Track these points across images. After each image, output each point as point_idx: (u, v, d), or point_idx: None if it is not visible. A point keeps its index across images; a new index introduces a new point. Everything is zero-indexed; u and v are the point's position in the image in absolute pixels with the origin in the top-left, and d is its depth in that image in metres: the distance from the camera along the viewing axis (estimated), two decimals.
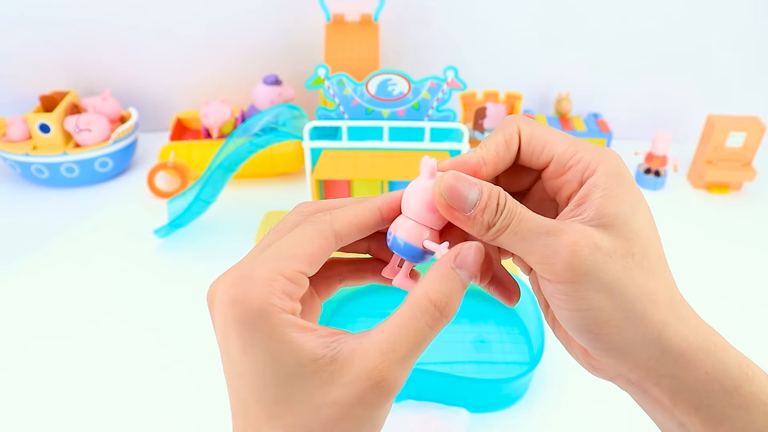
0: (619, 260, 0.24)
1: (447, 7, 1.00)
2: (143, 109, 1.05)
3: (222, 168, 0.79)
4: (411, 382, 0.58)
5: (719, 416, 0.24)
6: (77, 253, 0.81)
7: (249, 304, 0.23)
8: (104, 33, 1.01)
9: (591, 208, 0.25)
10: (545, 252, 0.24)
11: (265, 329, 0.23)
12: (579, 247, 0.24)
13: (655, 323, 0.24)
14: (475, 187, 0.25)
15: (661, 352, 0.25)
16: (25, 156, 0.90)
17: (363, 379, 0.23)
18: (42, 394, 0.61)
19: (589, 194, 0.25)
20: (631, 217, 0.25)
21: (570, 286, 0.24)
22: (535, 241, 0.25)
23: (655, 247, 0.25)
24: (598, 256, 0.24)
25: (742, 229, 0.88)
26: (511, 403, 0.60)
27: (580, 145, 0.26)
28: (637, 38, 1.02)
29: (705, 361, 0.24)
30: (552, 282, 0.25)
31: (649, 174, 0.96)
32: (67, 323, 0.69)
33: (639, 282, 0.24)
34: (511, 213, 0.25)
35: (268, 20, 1.01)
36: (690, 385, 0.25)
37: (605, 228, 0.25)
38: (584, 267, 0.24)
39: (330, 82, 0.73)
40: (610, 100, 1.08)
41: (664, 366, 0.25)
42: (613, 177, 0.25)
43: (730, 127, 0.91)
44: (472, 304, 0.71)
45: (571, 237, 0.24)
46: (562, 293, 0.25)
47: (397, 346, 0.23)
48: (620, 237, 0.25)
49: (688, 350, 0.24)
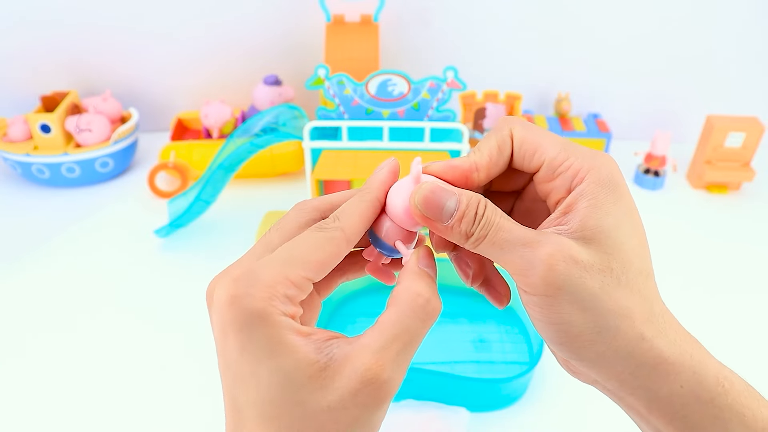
0: (596, 275, 0.24)
1: (447, 7, 1.00)
2: (144, 110, 1.06)
3: (222, 168, 0.79)
4: (411, 382, 0.59)
5: (695, 426, 0.25)
6: (78, 253, 0.81)
7: (251, 303, 0.23)
8: (105, 33, 1.01)
9: (575, 219, 0.25)
10: (521, 264, 0.25)
11: (265, 330, 0.23)
12: (554, 261, 0.24)
13: (629, 338, 0.24)
14: (453, 197, 0.26)
15: (635, 366, 0.25)
16: (25, 156, 0.90)
17: (356, 380, 0.23)
18: (44, 392, 0.61)
19: (575, 203, 0.25)
20: (615, 230, 0.25)
21: (544, 299, 0.24)
22: (512, 252, 0.25)
23: (639, 260, 0.25)
24: (574, 271, 0.24)
25: (741, 229, 0.88)
26: (511, 403, 0.60)
27: (573, 151, 0.26)
28: (637, 39, 1.02)
29: (681, 375, 0.24)
30: (528, 293, 0.25)
31: (648, 174, 0.96)
32: (68, 323, 0.70)
33: (615, 297, 0.24)
34: (489, 223, 0.25)
35: (269, 21, 1.01)
36: (665, 398, 0.25)
37: (587, 240, 0.25)
38: (559, 281, 0.24)
39: (330, 83, 0.74)
40: (610, 101, 1.08)
41: (638, 379, 0.25)
42: (602, 186, 0.25)
43: (729, 128, 0.91)
44: (472, 304, 0.71)
45: (547, 250, 0.24)
46: (536, 305, 0.25)
47: (388, 344, 0.24)
48: (600, 251, 0.24)
49: (663, 364, 0.24)
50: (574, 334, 0.24)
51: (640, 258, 0.25)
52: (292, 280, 0.24)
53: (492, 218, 0.25)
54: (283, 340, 0.23)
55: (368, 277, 0.31)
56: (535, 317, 0.25)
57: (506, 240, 0.25)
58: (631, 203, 0.26)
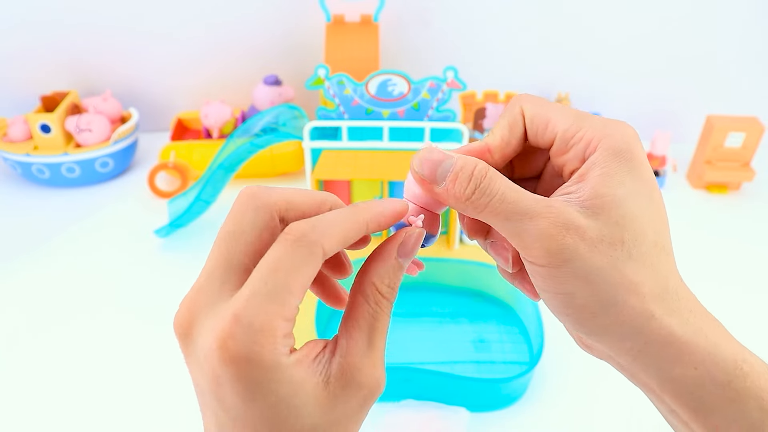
0: (605, 249, 0.23)
1: (447, 7, 1.00)
2: (144, 110, 1.06)
3: (222, 168, 0.79)
4: (411, 382, 0.59)
5: (710, 409, 0.24)
6: (78, 253, 0.81)
7: (254, 360, 0.21)
8: (105, 33, 1.01)
9: (587, 187, 0.24)
10: (525, 236, 0.24)
11: (273, 380, 0.22)
12: (560, 235, 0.23)
13: (637, 314, 0.24)
14: (449, 159, 0.25)
15: (643, 343, 0.24)
16: (26, 156, 0.90)
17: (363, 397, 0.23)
18: (44, 392, 0.61)
19: (588, 173, 0.24)
20: (628, 200, 0.24)
21: (548, 269, 0.24)
22: (515, 222, 0.24)
23: (654, 233, 0.24)
24: (581, 245, 0.23)
25: (741, 229, 0.88)
26: (511, 403, 0.60)
27: (585, 121, 0.25)
28: (637, 39, 1.02)
29: (694, 356, 0.24)
30: (531, 263, 0.25)
31: None
32: (68, 323, 0.70)
33: (624, 272, 0.23)
34: (490, 191, 0.24)
35: (269, 21, 1.01)
36: (678, 378, 0.24)
37: (596, 210, 0.24)
38: (564, 254, 0.23)
39: (330, 83, 0.74)
40: (610, 101, 1.08)
41: (649, 356, 0.24)
42: (614, 155, 0.24)
43: (729, 128, 0.91)
44: (472, 304, 0.71)
45: (549, 221, 0.23)
46: (540, 275, 0.24)
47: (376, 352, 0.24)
48: (611, 223, 0.23)
49: (675, 343, 0.24)
50: (579, 305, 0.24)
51: (655, 231, 0.24)
52: (285, 316, 0.22)
53: (494, 186, 0.24)
54: (290, 381, 0.22)
55: None
56: (539, 287, 0.25)
57: (511, 211, 0.24)
58: (648, 173, 0.25)
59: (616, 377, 0.66)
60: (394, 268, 0.25)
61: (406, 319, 0.69)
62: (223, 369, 0.21)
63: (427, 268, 0.73)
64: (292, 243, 0.22)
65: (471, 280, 0.72)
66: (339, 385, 0.23)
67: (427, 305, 0.71)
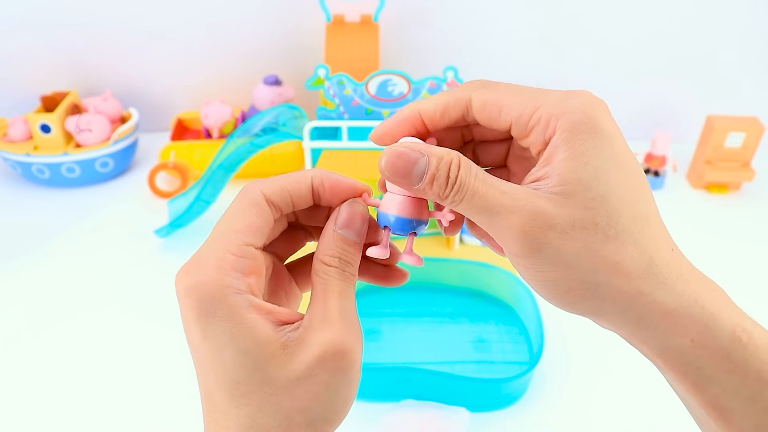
0: (578, 234, 0.23)
1: (447, 7, 1.00)
2: (144, 110, 1.06)
3: (222, 168, 0.79)
4: (411, 382, 0.59)
5: (709, 380, 0.23)
6: (78, 253, 0.81)
7: (202, 289, 0.23)
8: (105, 34, 1.01)
9: (554, 174, 0.23)
10: (499, 230, 0.24)
11: (221, 312, 0.23)
12: (529, 228, 0.23)
13: (625, 294, 0.23)
14: (422, 158, 0.24)
15: (637, 318, 0.24)
16: (25, 156, 0.90)
17: (318, 346, 0.23)
18: (44, 392, 0.61)
19: (552, 156, 0.24)
20: (597, 180, 0.23)
21: (527, 260, 0.24)
22: (488, 217, 0.24)
23: (631, 206, 0.23)
24: (552, 234, 0.23)
25: (741, 229, 0.88)
26: (511, 403, 0.60)
27: (540, 100, 0.24)
28: (637, 39, 1.02)
29: (690, 328, 0.23)
30: (511, 254, 0.25)
31: (648, 174, 0.96)
32: (68, 323, 0.70)
33: (602, 254, 0.23)
34: (462, 187, 0.24)
35: (269, 21, 1.01)
36: (675, 350, 0.24)
37: (567, 196, 0.23)
38: (536, 246, 0.23)
39: (330, 83, 0.74)
40: (610, 101, 1.05)
41: (645, 330, 0.24)
42: (577, 133, 0.23)
43: (729, 128, 0.91)
44: (472, 304, 0.71)
45: (520, 218, 0.23)
46: (521, 265, 0.25)
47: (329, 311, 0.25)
48: (581, 206, 0.23)
49: (668, 317, 0.23)
50: (564, 290, 0.24)
51: (632, 204, 0.23)
52: (231, 251, 0.24)
53: (466, 182, 0.24)
54: (241, 319, 0.23)
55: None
56: (524, 275, 0.25)
57: (481, 206, 0.24)
58: (616, 143, 0.24)
59: (616, 377, 0.66)
60: (334, 239, 0.26)
61: (406, 319, 0.69)
62: (181, 301, 0.24)
63: (427, 268, 0.73)
64: (238, 195, 0.26)
65: (471, 280, 0.72)
66: (295, 344, 0.24)
67: (427, 305, 0.71)
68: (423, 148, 0.24)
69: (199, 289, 0.23)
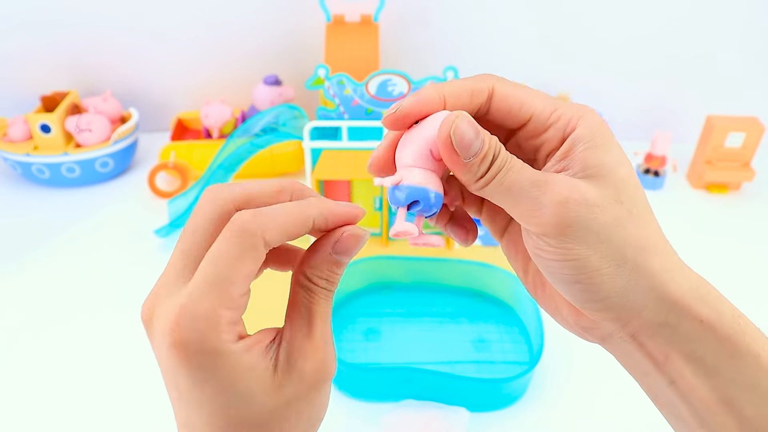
0: (608, 209, 0.24)
1: (447, 7, 1.00)
2: (144, 110, 1.06)
3: (222, 168, 0.79)
4: (411, 382, 0.59)
5: (711, 367, 0.24)
6: (78, 253, 0.81)
7: (198, 347, 0.22)
8: (105, 34, 1.01)
9: (576, 161, 0.25)
10: (531, 205, 0.24)
11: (218, 366, 0.23)
12: (565, 200, 0.24)
13: (650, 270, 0.24)
14: (479, 136, 0.25)
15: (657, 299, 0.25)
16: (25, 156, 0.90)
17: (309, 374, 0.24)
18: (43, 392, 0.61)
19: (573, 148, 0.25)
20: (618, 166, 0.25)
21: (557, 239, 0.24)
22: (521, 193, 0.25)
23: (641, 197, 0.25)
24: (585, 208, 0.24)
25: (741, 229, 0.88)
26: (511, 403, 0.60)
27: (559, 103, 0.26)
28: (637, 39, 1.02)
29: (700, 310, 0.24)
30: (539, 235, 0.25)
31: (648, 174, 0.96)
32: (68, 323, 0.70)
33: (629, 229, 0.24)
34: (501, 163, 0.25)
35: (269, 21, 1.01)
36: (684, 334, 0.25)
37: (591, 179, 0.24)
38: (570, 219, 0.24)
39: (330, 83, 0.74)
40: (610, 101, 1.08)
41: (660, 315, 0.25)
42: (596, 129, 0.25)
43: (729, 128, 0.91)
44: (472, 304, 0.71)
45: (558, 189, 0.24)
46: (548, 245, 0.25)
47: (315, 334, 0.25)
48: (607, 186, 0.24)
49: (683, 298, 0.24)
50: (593, 269, 0.24)
51: (641, 196, 0.25)
52: (227, 305, 0.23)
53: (504, 158, 0.25)
54: (236, 366, 0.23)
55: (368, 276, 0.31)
56: (548, 258, 0.25)
57: (515, 181, 0.25)
58: (621, 148, 0.26)
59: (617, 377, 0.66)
60: (327, 261, 0.26)
61: (406, 319, 0.69)
62: (173, 356, 0.23)
63: (427, 267, 0.73)
64: (233, 234, 0.23)
65: (471, 280, 0.72)
66: (285, 369, 0.24)
67: (427, 305, 0.71)
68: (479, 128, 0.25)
69: (195, 346, 0.22)
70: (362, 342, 0.66)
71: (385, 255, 0.72)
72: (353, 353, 0.65)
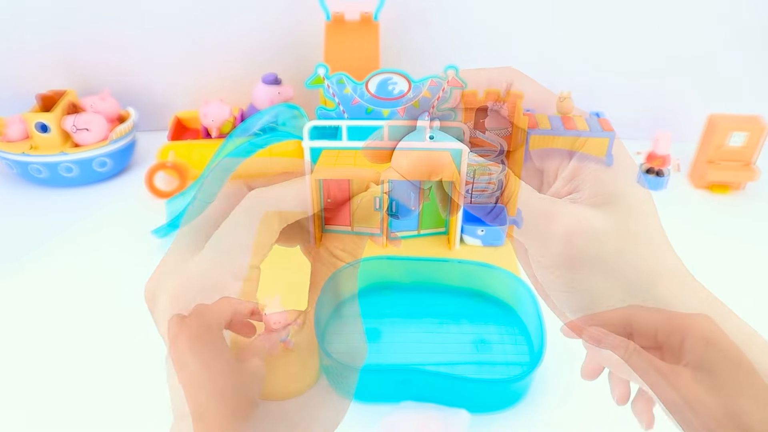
0: (615, 238, 0.24)
1: (447, 7, 1.00)
2: (142, 109, 1.05)
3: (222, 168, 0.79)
4: (411, 383, 0.58)
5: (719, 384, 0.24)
6: (76, 253, 0.81)
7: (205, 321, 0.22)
8: (103, 32, 1.00)
9: (585, 185, 0.25)
10: (540, 237, 0.24)
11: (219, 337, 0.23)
12: (574, 235, 0.23)
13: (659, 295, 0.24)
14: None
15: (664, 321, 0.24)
16: (23, 155, 0.90)
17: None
18: (43, 392, 0.61)
19: (581, 168, 0.25)
20: (628, 189, 0.24)
21: (564, 270, 0.24)
22: (530, 223, 0.24)
23: (653, 218, 0.25)
24: (593, 241, 0.23)
25: (743, 228, 0.88)
26: (512, 404, 0.60)
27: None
28: (637, 39, 1.02)
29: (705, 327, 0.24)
30: (546, 266, 0.25)
31: (650, 174, 0.95)
32: (67, 323, 0.69)
33: (637, 256, 0.24)
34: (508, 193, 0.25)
35: (268, 19, 1.01)
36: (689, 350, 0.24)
37: (600, 205, 0.24)
38: (580, 253, 0.23)
39: (330, 82, 0.73)
40: (610, 101, 1.08)
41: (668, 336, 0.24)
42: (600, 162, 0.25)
43: (732, 127, 0.90)
44: (473, 305, 0.70)
45: (567, 222, 0.24)
46: (556, 276, 0.24)
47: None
48: (616, 213, 0.24)
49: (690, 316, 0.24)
50: (601, 299, 0.24)
51: (653, 217, 0.25)
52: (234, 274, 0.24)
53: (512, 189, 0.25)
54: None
55: (368, 277, 0.31)
56: (557, 288, 0.25)
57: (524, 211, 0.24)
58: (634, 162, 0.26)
59: None
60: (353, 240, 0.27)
61: (406, 320, 0.69)
62: (175, 325, 0.23)
63: (427, 268, 0.72)
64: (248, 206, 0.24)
65: (471, 281, 0.72)
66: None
67: (427, 306, 0.71)
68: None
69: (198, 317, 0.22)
70: None
71: (385, 255, 0.72)
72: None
